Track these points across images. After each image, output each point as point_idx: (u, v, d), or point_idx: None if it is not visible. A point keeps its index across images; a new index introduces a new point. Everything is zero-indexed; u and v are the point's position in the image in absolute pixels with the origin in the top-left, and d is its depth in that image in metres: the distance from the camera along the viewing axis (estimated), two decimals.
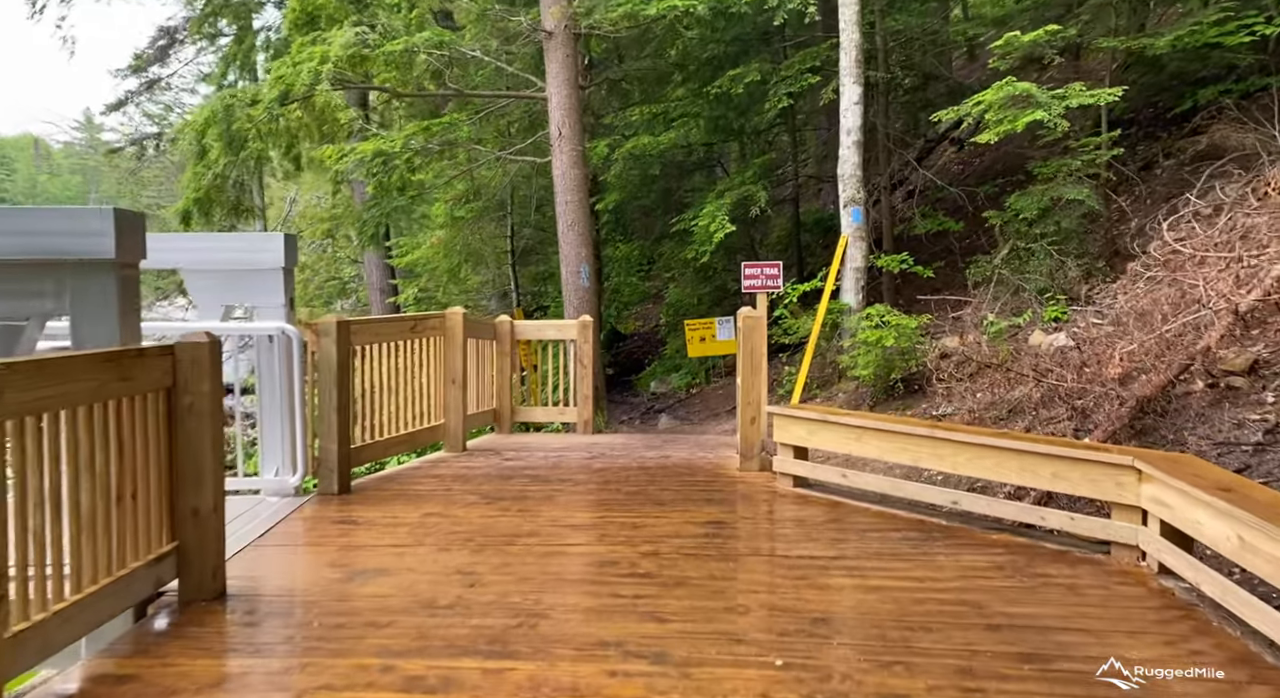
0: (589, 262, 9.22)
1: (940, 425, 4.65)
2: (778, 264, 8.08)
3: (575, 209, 9.06)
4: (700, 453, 6.48)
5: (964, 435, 4.32)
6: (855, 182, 8.76)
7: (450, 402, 6.46)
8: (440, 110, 11.68)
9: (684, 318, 13.99)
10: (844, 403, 8.38)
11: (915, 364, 7.57)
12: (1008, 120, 7.85)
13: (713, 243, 9.35)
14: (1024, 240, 8.74)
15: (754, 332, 5.76)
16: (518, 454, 6.42)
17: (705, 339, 11.62)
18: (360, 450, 5.43)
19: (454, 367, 6.45)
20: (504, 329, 8.00)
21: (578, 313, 9.11)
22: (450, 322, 6.43)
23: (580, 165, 9.10)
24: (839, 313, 8.93)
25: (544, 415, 8.28)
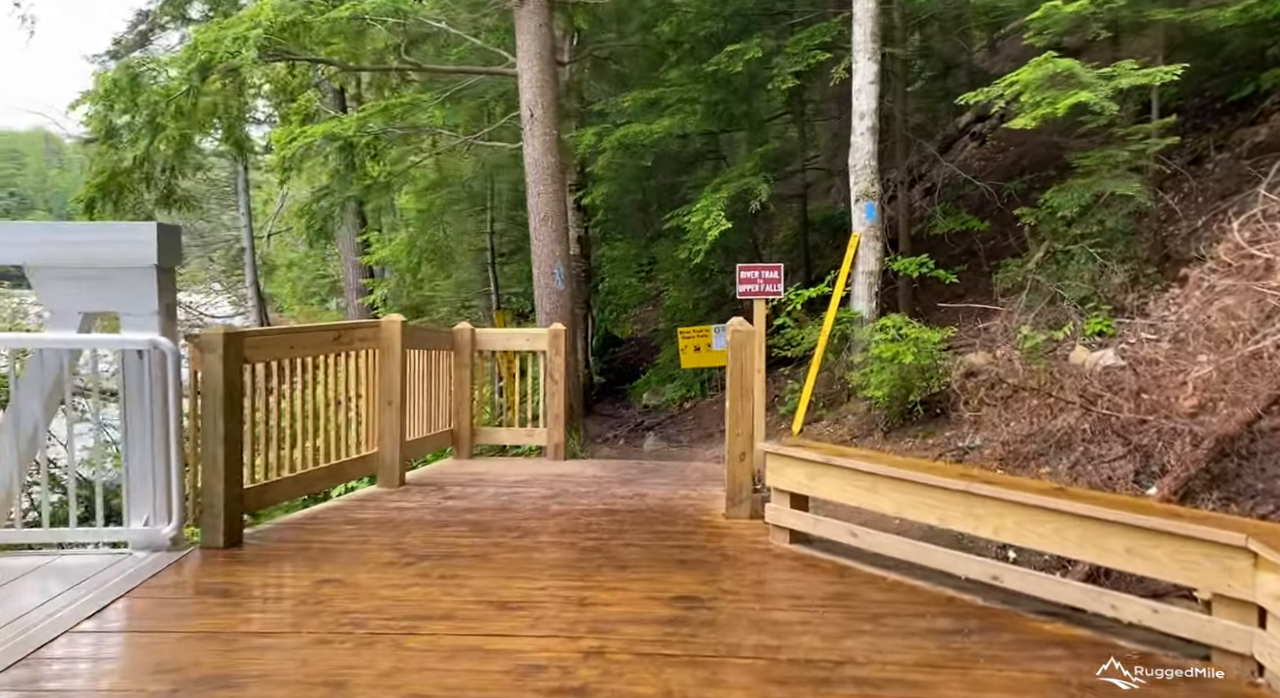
0: (565, 261, 8.33)
1: (975, 475, 3.75)
2: (778, 267, 7.19)
3: (549, 201, 8.19)
4: (682, 490, 5.59)
5: (1010, 492, 3.42)
6: (869, 173, 7.86)
7: (385, 427, 5.58)
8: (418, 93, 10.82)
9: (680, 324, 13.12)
10: (854, 427, 7.48)
11: (937, 384, 6.67)
12: (1046, 103, 6.93)
13: (707, 242, 8.47)
14: (1061, 241, 7.83)
15: (744, 348, 4.87)
16: (464, 490, 5.53)
17: (700, 349, 10.73)
18: (263, 490, 4.55)
19: (390, 385, 5.57)
20: (463, 339, 7.13)
21: (550, 320, 8.23)
22: (386, 332, 5.55)
23: (555, 152, 8.24)
24: (849, 322, 8.03)
25: (510, 437, 7.40)
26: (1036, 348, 6.80)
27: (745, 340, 4.86)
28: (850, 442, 7.23)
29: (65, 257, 4.01)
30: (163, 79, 7.70)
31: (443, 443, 7.05)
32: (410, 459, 6.27)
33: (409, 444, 6.00)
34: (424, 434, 6.47)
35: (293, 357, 4.78)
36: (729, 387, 4.90)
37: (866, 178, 7.84)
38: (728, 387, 4.93)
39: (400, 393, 5.60)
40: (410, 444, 6.06)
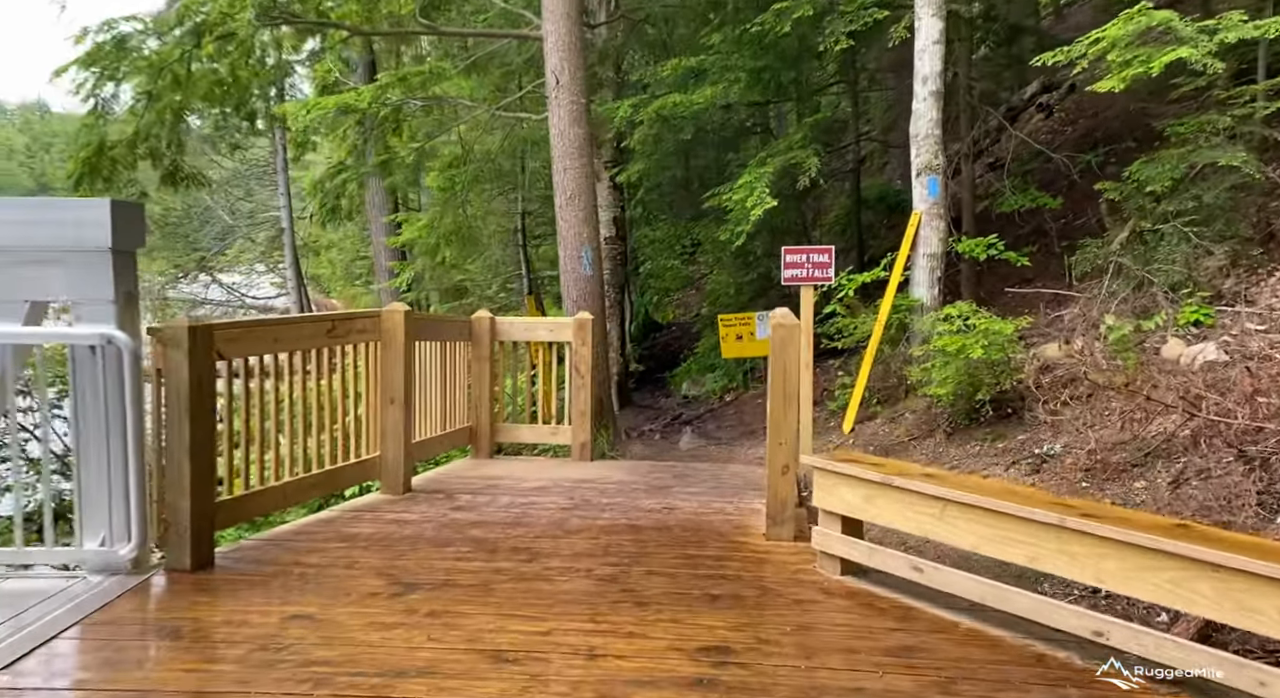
0: (593, 244, 7.77)
1: (1071, 505, 3.11)
2: (828, 249, 6.54)
3: (576, 177, 7.62)
4: (716, 502, 5.02)
5: (1117, 529, 2.79)
6: (932, 143, 7.15)
7: (389, 427, 5.09)
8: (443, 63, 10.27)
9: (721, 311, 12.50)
10: (912, 427, 6.82)
11: (1009, 381, 5.98)
12: (1138, 62, 6.16)
13: (750, 222, 7.83)
14: (1150, 219, 7.04)
15: (788, 345, 4.27)
16: (474, 500, 5.03)
17: (743, 338, 10.11)
18: (241, 503, 4.09)
19: (393, 381, 5.07)
20: (481, 328, 6.63)
21: (577, 307, 7.68)
22: (388, 323, 5.05)
23: (583, 123, 7.66)
24: (908, 311, 7.35)
25: (531, 435, 6.90)
26: (1123, 340, 6.08)
27: (789, 337, 4.26)
28: (908, 444, 6.58)
29: (4, 238, 3.56)
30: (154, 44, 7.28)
31: (460, 441, 6.57)
32: (418, 462, 5.80)
33: (416, 446, 5.52)
34: (437, 433, 6.00)
35: (277, 351, 4.30)
36: (770, 390, 4.31)
37: (929, 149, 7.13)
38: (769, 389, 4.33)
39: (405, 390, 5.11)
40: (419, 445, 5.59)
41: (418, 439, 5.58)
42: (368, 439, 5.06)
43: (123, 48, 7.09)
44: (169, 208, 30.15)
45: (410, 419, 5.23)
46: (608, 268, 11.94)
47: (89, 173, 7.33)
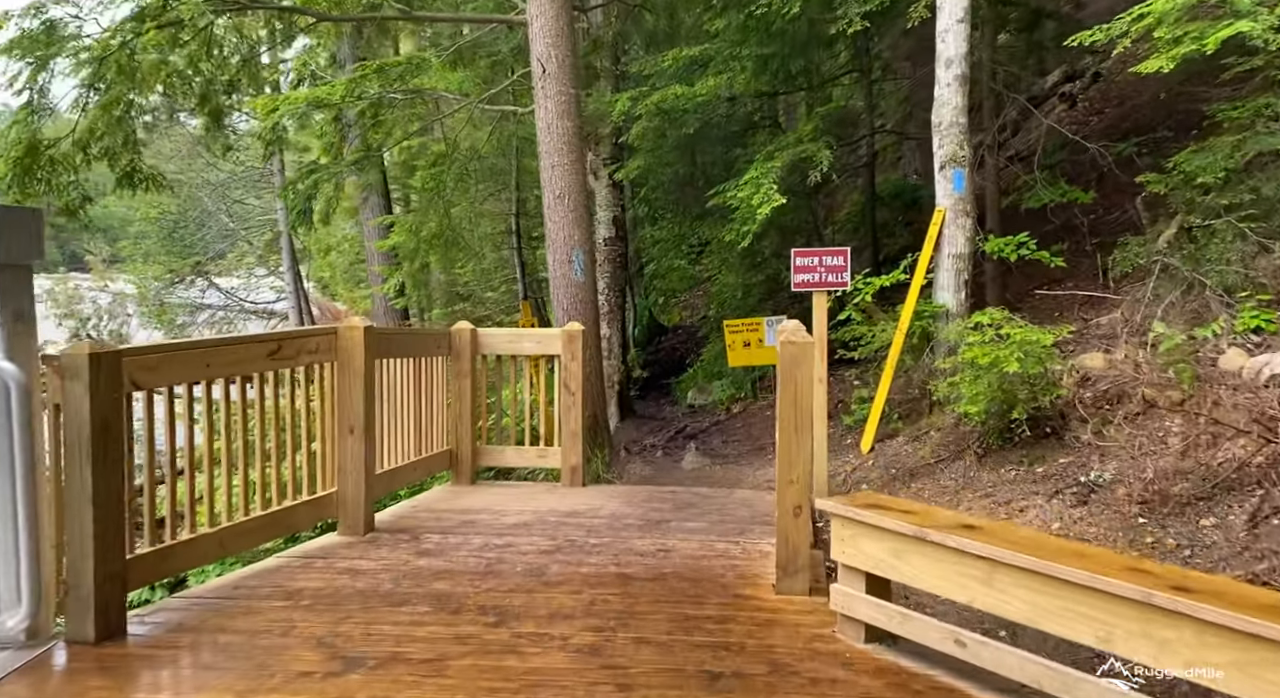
0: (586, 246, 7.21)
1: (1157, 573, 2.53)
2: (843, 251, 5.97)
3: (566, 174, 7.07)
4: (720, 543, 4.46)
5: (1222, 612, 2.22)
6: (957, 133, 6.57)
7: (347, 460, 4.55)
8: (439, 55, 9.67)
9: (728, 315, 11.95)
10: (938, 447, 6.24)
11: (1048, 397, 5.40)
12: (1190, 39, 5.56)
13: (757, 221, 7.27)
14: (1199, 214, 6.44)
15: (799, 364, 3.70)
16: (444, 541, 4.48)
17: (750, 345, 9.52)
18: (163, 557, 3.55)
19: (352, 407, 4.53)
20: (462, 341, 6.10)
21: (568, 316, 7.13)
22: (345, 341, 4.51)
23: (573, 115, 7.10)
24: (931, 317, 6.78)
25: (518, 458, 6.36)
26: (1175, 349, 5.49)
27: (801, 356, 3.69)
28: (934, 466, 6.01)
29: None
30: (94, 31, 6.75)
31: (439, 466, 6.04)
32: (388, 493, 5.28)
33: (384, 476, 4.98)
34: (410, 459, 5.46)
35: (210, 378, 3.76)
36: (780, 418, 3.75)
37: (954, 139, 6.54)
38: (778, 418, 3.77)
39: (366, 416, 4.57)
40: (387, 476, 5.05)
41: (385, 469, 5.05)
42: (323, 474, 4.52)
43: (53, 34, 6.56)
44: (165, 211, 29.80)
45: (372, 449, 4.69)
46: (607, 271, 11.40)
47: (21, 175, 6.79)
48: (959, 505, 5.26)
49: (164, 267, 28.67)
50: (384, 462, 5.05)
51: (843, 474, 6.43)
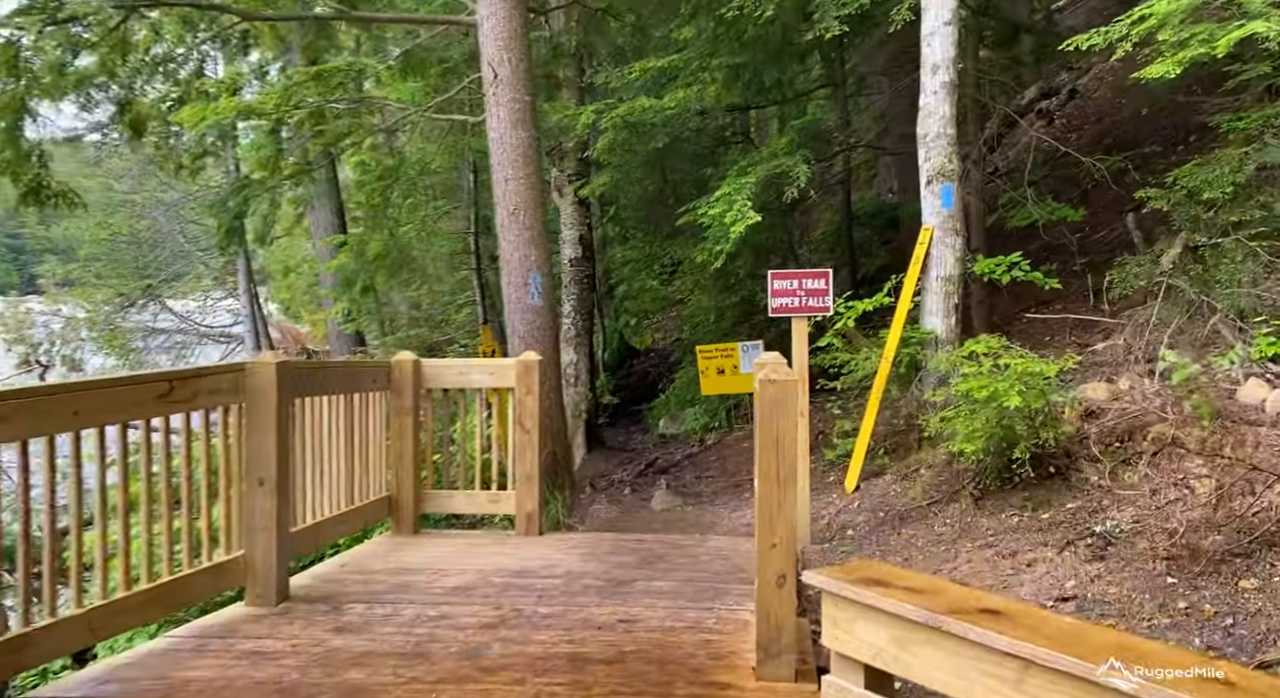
0: (543, 268, 6.67)
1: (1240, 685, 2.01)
2: (825, 273, 5.49)
3: (522, 189, 6.54)
4: (691, 610, 3.90)
5: None
6: (945, 145, 6.13)
7: (257, 517, 3.95)
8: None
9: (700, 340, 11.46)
10: (929, 486, 5.74)
11: (1052, 434, 4.91)
12: (1198, 41, 5.16)
13: (730, 240, 6.78)
14: (1205, 232, 6.04)
15: (780, 405, 3.18)
16: (370, 612, 3.89)
17: (725, 372, 9.07)
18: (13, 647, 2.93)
19: (263, 455, 3.94)
20: (403, 375, 5.53)
21: (524, 344, 6.58)
22: (257, 379, 3.92)
23: (529, 125, 6.59)
24: (919, 344, 6.30)
25: (467, 504, 5.77)
26: (1189, 379, 5.03)
27: (782, 397, 3.16)
28: (926, 509, 5.50)
29: None
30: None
31: (376, 515, 5.44)
32: (306, 554, 4.68)
33: (305, 533, 4.38)
34: (340, 510, 4.86)
35: (80, 426, 3.16)
36: (759, 466, 3.22)
37: (941, 151, 6.10)
38: (757, 465, 3.24)
39: (280, 466, 3.97)
40: (307, 533, 4.45)
41: (306, 524, 4.45)
42: (228, 535, 3.91)
43: None
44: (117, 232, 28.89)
45: (288, 503, 4.09)
46: (573, 293, 10.87)
47: None
48: (956, 556, 4.75)
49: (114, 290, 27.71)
50: (305, 516, 4.45)
51: (826, 517, 5.91)
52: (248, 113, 7.49)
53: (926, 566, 4.75)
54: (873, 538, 5.37)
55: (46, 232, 41.92)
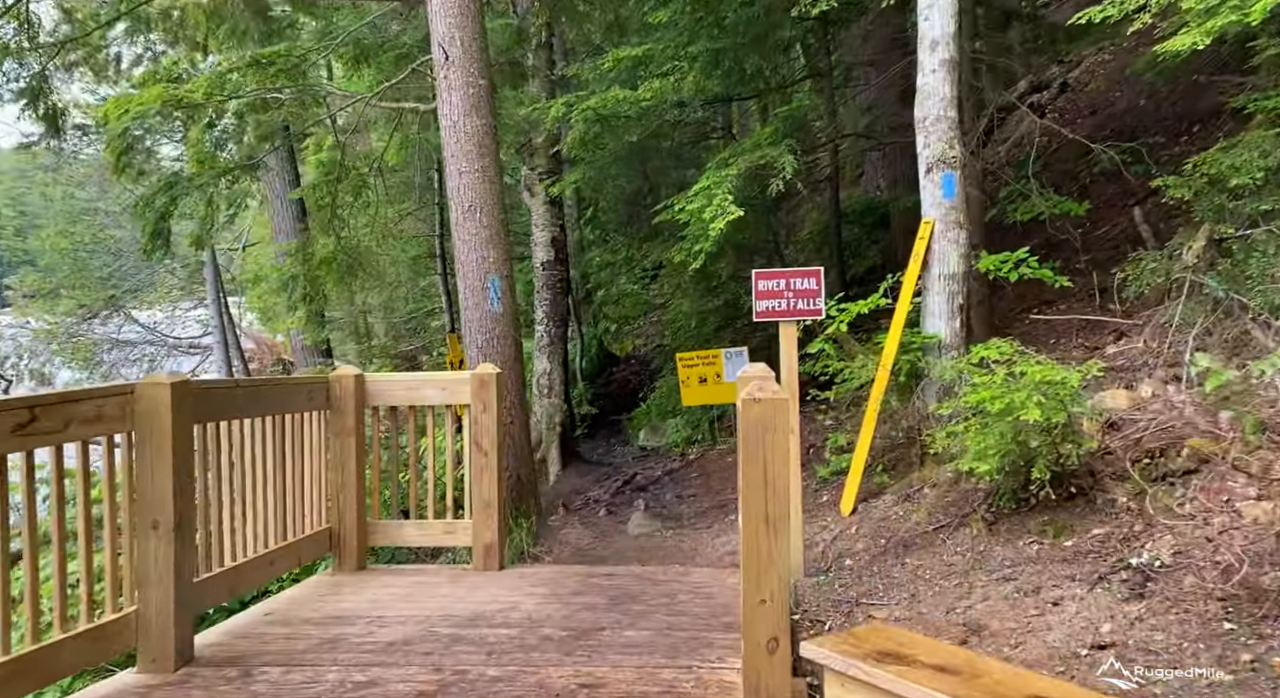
0: (502, 271, 6.09)
1: None
2: (815, 272, 4.95)
3: (477, 183, 5.97)
4: (668, 670, 3.33)
5: None
6: (946, 128, 5.60)
7: (151, 567, 3.35)
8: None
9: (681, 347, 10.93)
10: (935, 508, 5.20)
11: (1076, 451, 4.39)
12: (1228, 8, 4.66)
13: (710, 238, 6.23)
14: (1232, 223, 5.54)
15: (770, 429, 2.64)
16: (285, 677, 3.30)
17: (706, 380, 8.45)
18: None
19: (157, 494, 3.35)
20: (344, 391, 4.95)
21: (483, 355, 6.01)
22: (148, 402, 3.34)
23: (485, 112, 6.02)
24: (920, 350, 5.77)
25: (419, 536, 5.19)
26: (1223, 386, 4.52)
27: (771, 418, 2.62)
28: (933, 536, 4.96)
29: None
30: None
31: (314, 552, 4.86)
32: (222, 603, 4.09)
33: (211, 583, 3.78)
34: (264, 550, 4.27)
35: None
36: (743, 505, 2.67)
37: (942, 135, 5.57)
38: (741, 502, 2.70)
39: (179, 504, 3.38)
40: (220, 580, 3.86)
41: (221, 568, 3.87)
42: (113, 590, 3.32)
43: None
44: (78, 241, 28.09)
45: (189, 548, 3.50)
46: (546, 298, 10.30)
47: None
48: (970, 592, 4.21)
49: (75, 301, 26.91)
50: (219, 560, 3.86)
51: (821, 544, 5.35)
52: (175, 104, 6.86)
53: (937, 604, 4.21)
54: (874, 569, 4.83)
55: (23, 242, 40.89)
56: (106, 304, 27.75)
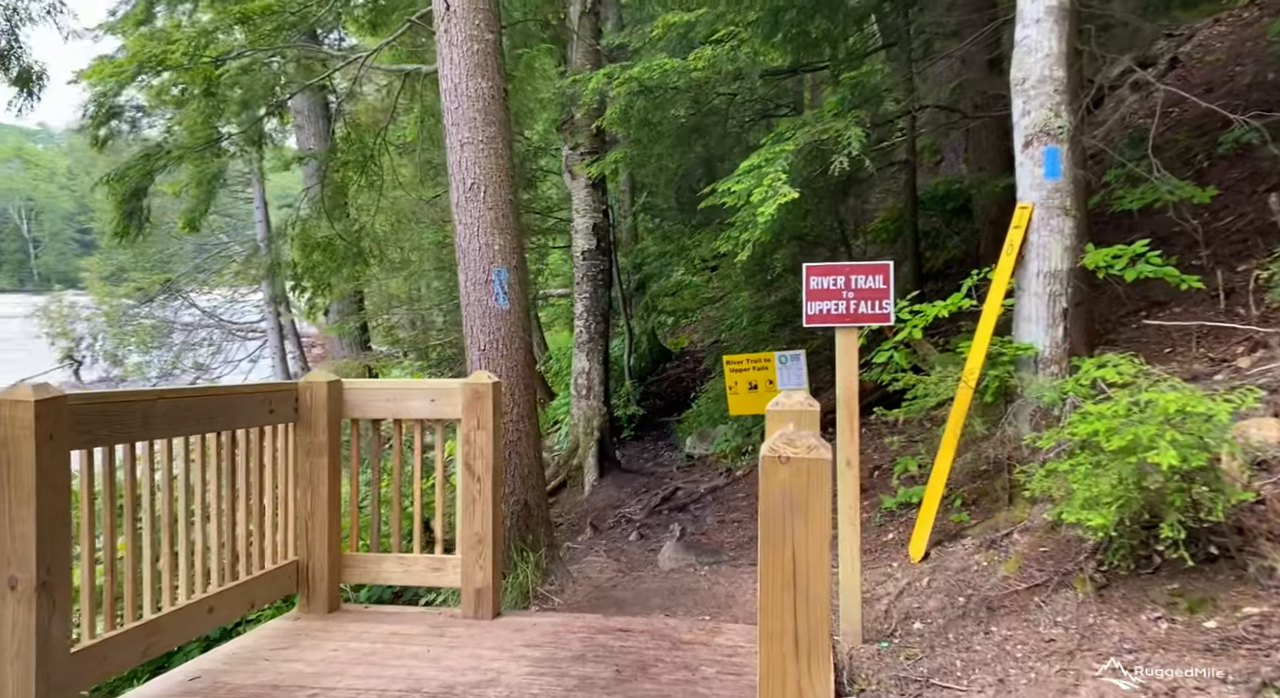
0: (510, 260, 5.30)
1: None
2: (884, 267, 4.06)
3: (482, 156, 5.19)
4: None
5: None
6: (1051, 91, 4.63)
7: (7, 638, 2.66)
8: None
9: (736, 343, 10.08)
10: (1026, 560, 4.26)
11: (1222, 502, 3.41)
12: None
13: (760, 226, 5.35)
14: None
15: (799, 507, 1.78)
16: None
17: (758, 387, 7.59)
18: None
19: (18, 543, 2.66)
20: (315, 401, 4.26)
21: (485, 360, 5.24)
22: (8, 429, 2.64)
23: (492, 73, 5.23)
24: (1011, 363, 4.81)
25: (401, 572, 4.46)
26: None
27: (800, 491, 1.77)
28: (1025, 596, 4.03)
29: None
30: None
31: (277, 591, 4.17)
32: (128, 669, 3.40)
33: (109, 648, 3.08)
34: (200, 595, 3.57)
35: None
36: (762, 615, 1.84)
37: (1046, 101, 4.59)
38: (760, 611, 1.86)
39: (45, 553, 2.68)
40: (131, 638, 3.16)
41: (137, 622, 3.17)
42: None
43: None
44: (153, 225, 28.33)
45: (61, 613, 2.79)
46: (587, 290, 9.53)
47: None
48: (1079, 684, 3.29)
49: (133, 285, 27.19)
50: (134, 612, 3.16)
51: (884, 599, 4.46)
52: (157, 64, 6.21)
53: (1033, 695, 3.30)
54: (950, 636, 3.92)
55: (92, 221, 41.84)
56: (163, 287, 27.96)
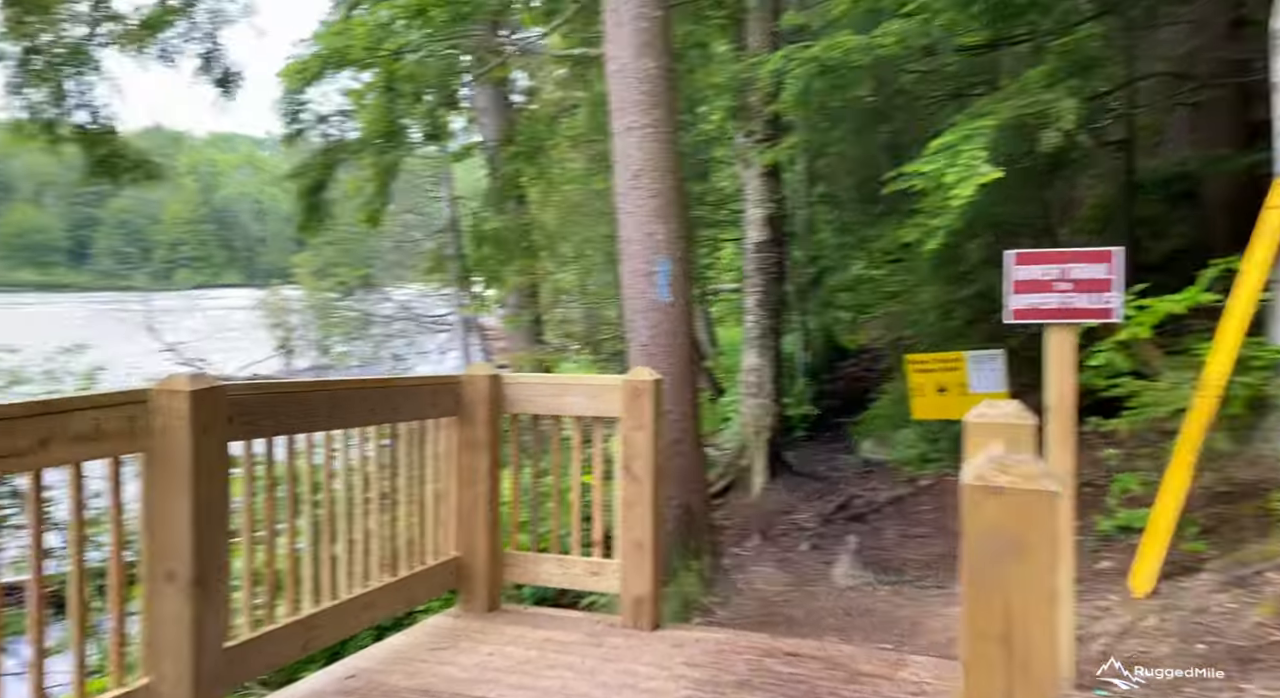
0: (674, 251, 5.02)
1: None
2: (1107, 254, 3.51)
3: (646, 142, 4.95)
4: None
5: None
6: None
7: (165, 630, 2.67)
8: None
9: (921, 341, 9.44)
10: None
11: None
12: None
13: (954, 209, 4.84)
14: None
15: (1016, 557, 1.39)
16: None
17: (947, 390, 7.01)
18: None
19: (171, 534, 2.66)
20: (475, 395, 4.21)
21: (646, 355, 5.01)
22: (164, 416, 2.65)
23: (659, 52, 4.97)
24: (1265, 369, 4.09)
25: (560, 575, 4.33)
26: None
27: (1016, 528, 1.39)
28: None
29: None
30: None
31: (439, 585, 4.14)
32: (286, 664, 3.39)
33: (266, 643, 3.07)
34: (359, 591, 3.56)
35: None
36: (966, 680, 1.46)
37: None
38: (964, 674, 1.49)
39: (201, 546, 2.68)
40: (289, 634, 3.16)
41: (296, 617, 3.16)
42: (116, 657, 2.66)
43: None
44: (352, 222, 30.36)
45: (217, 606, 2.78)
46: (758, 284, 9.20)
47: None
48: None
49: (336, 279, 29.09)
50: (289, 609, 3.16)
51: (1100, 636, 3.89)
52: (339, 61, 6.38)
53: None
54: (1187, 692, 3.34)
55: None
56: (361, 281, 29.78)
